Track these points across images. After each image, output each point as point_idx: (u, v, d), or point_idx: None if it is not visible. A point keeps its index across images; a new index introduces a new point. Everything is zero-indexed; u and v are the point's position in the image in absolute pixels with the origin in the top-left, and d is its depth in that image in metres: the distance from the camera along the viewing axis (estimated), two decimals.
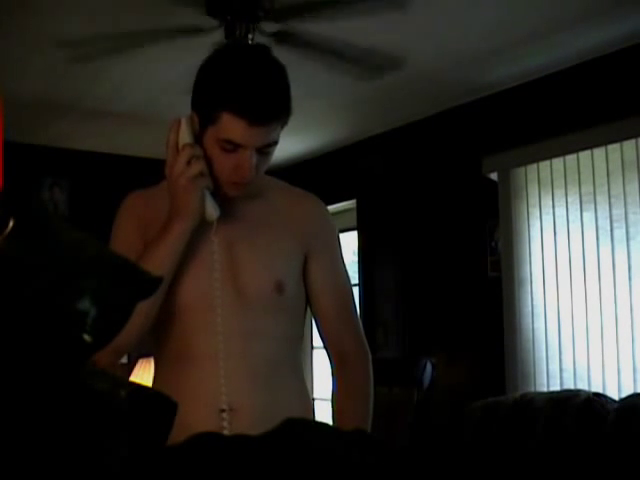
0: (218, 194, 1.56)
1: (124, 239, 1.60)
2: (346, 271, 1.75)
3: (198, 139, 1.52)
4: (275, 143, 1.52)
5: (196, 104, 1.53)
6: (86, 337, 0.51)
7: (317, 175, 5.34)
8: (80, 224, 0.72)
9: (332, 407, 1.67)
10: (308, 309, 1.73)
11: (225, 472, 0.62)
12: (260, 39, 3.10)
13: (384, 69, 3.59)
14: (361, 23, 3.12)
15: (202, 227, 1.56)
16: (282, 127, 1.53)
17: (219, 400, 1.51)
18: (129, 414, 0.53)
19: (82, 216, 4.76)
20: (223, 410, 1.51)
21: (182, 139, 1.52)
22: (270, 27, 3.09)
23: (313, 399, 4.46)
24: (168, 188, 1.55)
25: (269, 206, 1.67)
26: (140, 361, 4.46)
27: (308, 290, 1.68)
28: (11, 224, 0.52)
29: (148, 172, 5.20)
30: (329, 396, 1.70)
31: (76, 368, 0.51)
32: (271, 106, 1.47)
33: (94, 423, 0.51)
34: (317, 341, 5.27)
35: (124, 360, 4.84)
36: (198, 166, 1.50)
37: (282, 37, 3.12)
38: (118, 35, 3.15)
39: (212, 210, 1.54)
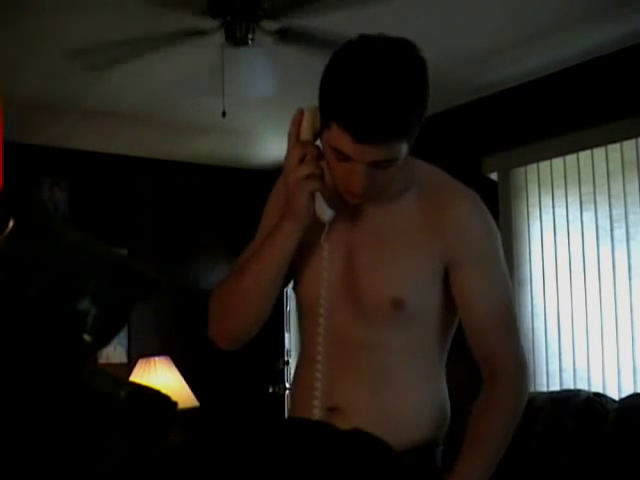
0: (337, 198, 1.47)
1: (270, 221, 1.57)
2: (504, 283, 1.54)
3: (320, 133, 1.43)
4: (394, 160, 1.36)
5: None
6: (86, 337, 0.51)
7: None
8: (80, 224, 0.72)
9: (469, 419, 1.52)
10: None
11: (226, 471, 0.62)
12: (261, 38, 3.10)
13: None
14: (361, 23, 3.12)
15: (319, 230, 1.51)
16: (407, 143, 1.36)
17: (323, 402, 1.50)
18: (129, 414, 0.53)
19: (82, 216, 4.76)
20: (329, 410, 1.49)
21: (302, 133, 1.44)
22: (271, 25, 3.09)
23: None
24: (285, 181, 1.48)
25: (405, 211, 1.51)
26: (140, 361, 4.46)
27: (457, 303, 1.52)
28: (11, 224, 0.52)
29: (148, 172, 5.23)
30: None
31: (77, 368, 0.51)
32: (382, 126, 1.30)
33: (94, 423, 0.51)
34: None
35: (124, 360, 4.84)
36: (308, 167, 1.42)
37: (283, 35, 3.11)
38: (118, 35, 3.15)
39: (323, 213, 1.46)
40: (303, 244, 1.51)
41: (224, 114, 3.35)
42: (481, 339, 1.53)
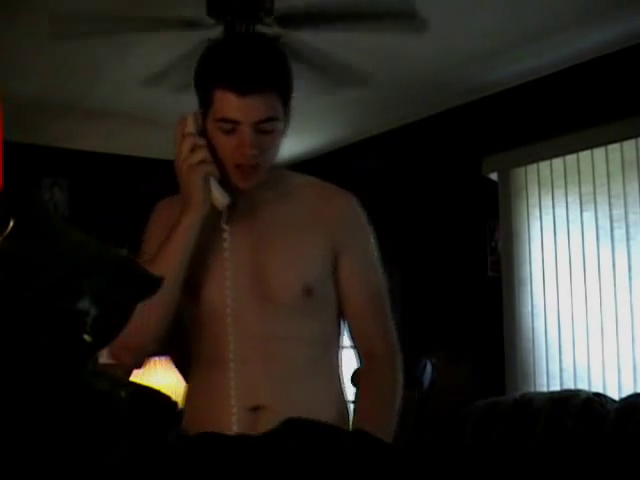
0: (231, 187, 1.53)
1: (152, 247, 1.57)
2: (380, 270, 1.68)
3: (203, 134, 1.51)
4: (274, 119, 1.48)
5: (198, 96, 1.52)
6: (86, 337, 0.51)
7: (317, 175, 5.33)
8: (80, 224, 0.72)
9: (354, 407, 1.62)
10: None
11: (226, 471, 0.62)
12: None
13: (382, 70, 3.59)
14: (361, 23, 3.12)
15: (218, 233, 1.54)
16: (283, 103, 1.50)
17: (243, 402, 1.49)
18: (129, 414, 0.53)
19: (82, 216, 4.76)
20: (252, 409, 1.49)
21: (188, 129, 1.51)
22: (269, 31, 3.09)
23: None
24: (178, 181, 1.53)
25: (297, 206, 1.63)
26: None
27: (338, 290, 1.63)
28: (11, 224, 0.52)
29: (148, 172, 5.22)
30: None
31: (77, 368, 0.51)
32: (260, 75, 1.45)
33: (94, 423, 0.51)
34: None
35: None
36: (200, 154, 1.48)
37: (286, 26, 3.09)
38: (118, 36, 3.15)
39: (220, 197, 1.51)
40: (201, 246, 1.52)
41: None
42: (360, 324, 1.64)
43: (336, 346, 1.67)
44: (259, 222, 1.59)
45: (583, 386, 3.49)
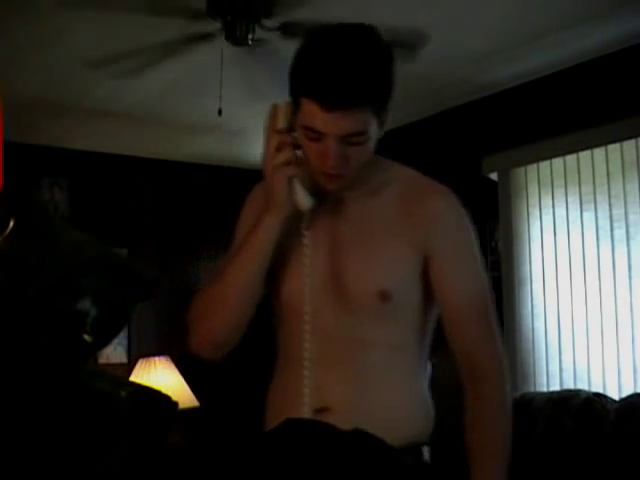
0: (316, 187, 1.48)
1: (243, 231, 1.56)
2: (482, 275, 1.56)
3: (294, 127, 1.45)
4: (363, 133, 1.39)
5: (290, 90, 1.45)
6: (86, 337, 0.51)
7: None
8: (80, 224, 0.71)
9: (464, 430, 1.52)
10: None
11: (226, 471, 0.62)
12: (263, 35, 3.10)
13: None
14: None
15: (299, 230, 1.51)
16: (377, 116, 1.41)
17: (311, 402, 1.46)
18: (129, 414, 0.53)
19: (82, 216, 4.76)
20: (318, 411, 1.45)
21: (277, 125, 1.46)
22: (272, 22, 3.09)
23: None
24: (264, 175, 1.48)
25: (385, 204, 1.53)
26: (140, 361, 4.46)
27: (434, 296, 1.53)
28: (11, 224, 0.52)
29: (148, 172, 5.23)
30: None
31: (77, 368, 0.51)
32: (347, 90, 1.34)
33: (95, 423, 0.51)
34: None
35: (124, 360, 4.84)
36: (285, 154, 1.43)
37: (286, 30, 3.10)
38: (119, 44, 3.15)
39: (303, 200, 1.46)
40: (283, 244, 1.50)
41: (220, 112, 3.36)
42: (458, 333, 1.53)
43: (416, 351, 1.58)
44: (343, 221, 1.53)
45: (583, 386, 3.49)
